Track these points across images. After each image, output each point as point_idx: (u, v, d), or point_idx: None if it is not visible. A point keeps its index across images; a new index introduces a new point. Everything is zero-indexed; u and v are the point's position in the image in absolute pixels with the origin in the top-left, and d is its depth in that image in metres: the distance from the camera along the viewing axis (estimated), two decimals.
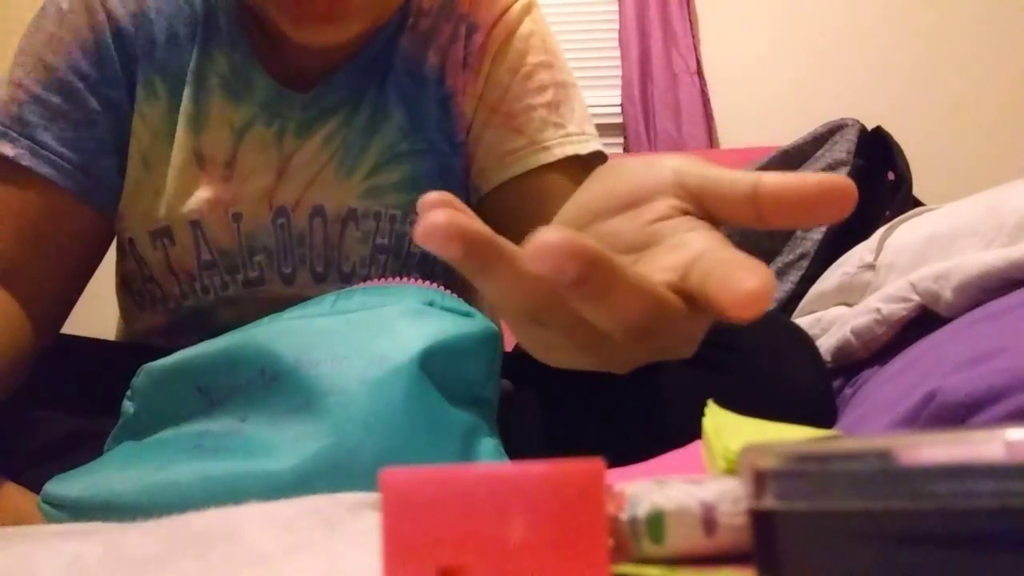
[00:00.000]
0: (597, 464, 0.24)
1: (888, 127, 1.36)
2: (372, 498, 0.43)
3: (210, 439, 0.56)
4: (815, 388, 0.66)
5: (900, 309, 0.81)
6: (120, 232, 0.79)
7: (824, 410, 0.66)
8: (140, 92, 0.76)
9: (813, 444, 0.24)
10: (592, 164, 0.80)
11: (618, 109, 2.59)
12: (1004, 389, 0.53)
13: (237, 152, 0.76)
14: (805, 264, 1.23)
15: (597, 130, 0.81)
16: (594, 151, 0.79)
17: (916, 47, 2.56)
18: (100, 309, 0.99)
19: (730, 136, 2.52)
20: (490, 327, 0.60)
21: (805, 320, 1.01)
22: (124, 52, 0.76)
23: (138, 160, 0.76)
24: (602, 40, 2.65)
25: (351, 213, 0.77)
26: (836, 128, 1.34)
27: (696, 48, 2.55)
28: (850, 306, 0.93)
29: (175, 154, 0.75)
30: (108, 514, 0.53)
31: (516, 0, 0.81)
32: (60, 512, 0.57)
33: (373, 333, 0.57)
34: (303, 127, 0.77)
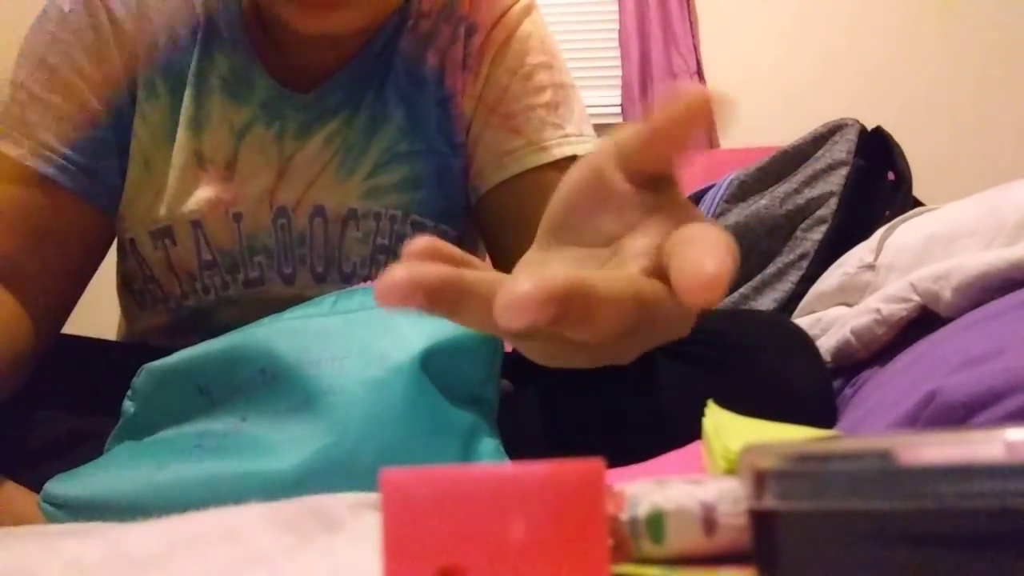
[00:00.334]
0: (597, 464, 0.24)
1: (888, 127, 1.36)
2: (372, 498, 0.43)
3: (210, 439, 0.56)
4: (815, 388, 0.66)
5: (900, 309, 0.81)
6: (121, 232, 0.79)
7: (824, 410, 0.66)
8: (141, 93, 0.76)
9: (813, 444, 0.24)
10: None
11: (618, 109, 2.59)
12: (1004, 389, 0.53)
13: (238, 152, 0.76)
14: (805, 264, 1.23)
15: (597, 130, 0.81)
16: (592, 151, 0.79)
17: (916, 47, 2.56)
18: (100, 309, 0.99)
19: (730, 136, 2.52)
20: None
21: (805, 320, 1.00)
22: (125, 53, 0.76)
23: (139, 160, 0.76)
24: (602, 40, 2.65)
25: (351, 213, 0.77)
26: (836, 128, 1.34)
27: (696, 48, 2.55)
28: (850, 306, 0.93)
29: (176, 154, 0.75)
30: (108, 514, 0.53)
31: (516, 1, 0.81)
32: (60, 512, 0.57)
33: (373, 333, 0.57)
34: (303, 128, 0.77)
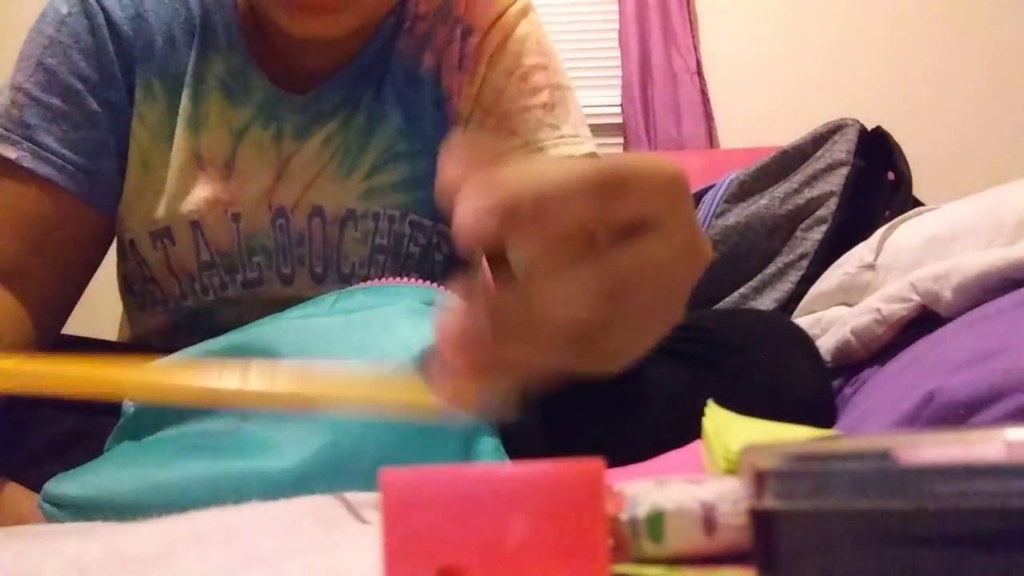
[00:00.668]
0: (597, 464, 0.24)
1: (888, 127, 1.36)
2: (372, 498, 0.43)
3: (210, 438, 0.56)
4: (815, 388, 0.66)
5: (900, 309, 0.81)
6: (121, 233, 0.79)
7: (824, 410, 0.66)
8: (138, 94, 0.76)
9: (813, 444, 0.24)
10: None
11: (618, 109, 2.58)
12: (1004, 389, 0.53)
13: (236, 153, 0.76)
14: (805, 264, 1.23)
15: (597, 130, 0.82)
16: (588, 152, 0.79)
17: (916, 47, 2.56)
18: (100, 309, 0.99)
19: (730, 136, 2.52)
20: None
21: (805, 320, 1.01)
22: (123, 54, 0.76)
23: (137, 161, 0.76)
24: (602, 40, 2.65)
25: (350, 214, 0.77)
26: (836, 128, 1.34)
27: (696, 48, 2.55)
28: (850, 306, 0.93)
29: (175, 155, 0.76)
30: (108, 514, 0.53)
31: (512, 3, 0.81)
32: (60, 512, 0.57)
33: (374, 332, 0.57)
34: (301, 129, 0.77)
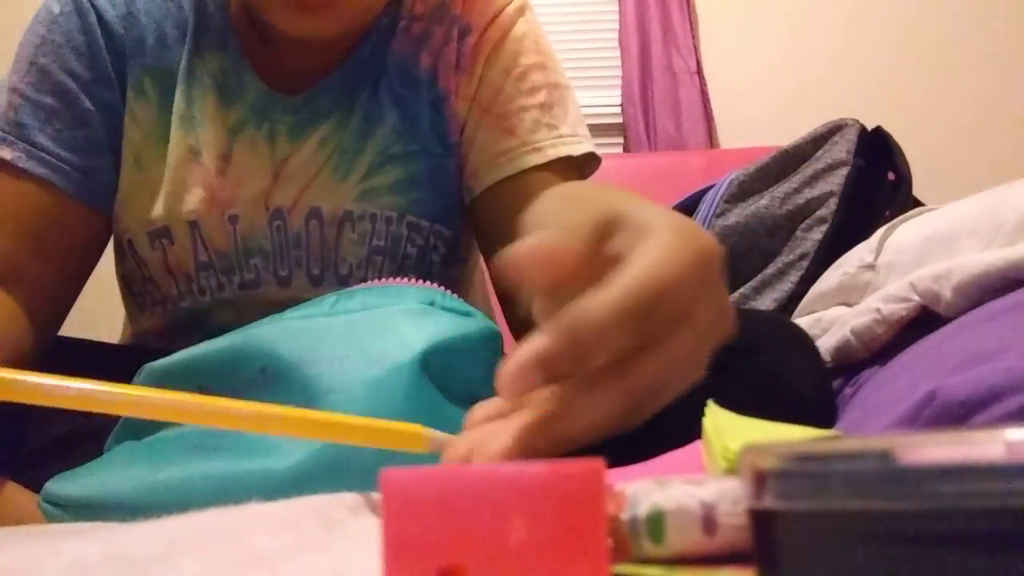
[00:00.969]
0: (597, 464, 0.24)
1: (888, 127, 1.36)
2: (372, 498, 0.43)
3: (210, 438, 0.56)
4: (815, 388, 0.66)
5: (900, 309, 0.81)
6: (119, 234, 0.79)
7: (824, 410, 0.66)
8: (130, 92, 0.76)
9: (813, 444, 0.24)
10: (584, 165, 0.80)
11: (618, 109, 2.58)
12: (1004, 389, 0.53)
13: (232, 152, 0.76)
14: (805, 264, 1.23)
15: (597, 130, 0.82)
16: (587, 152, 0.79)
17: (916, 47, 2.56)
18: (100, 310, 0.99)
19: (730, 136, 2.52)
20: (490, 327, 0.60)
21: (805, 320, 1.00)
22: (115, 52, 0.76)
23: (131, 159, 0.77)
24: (602, 40, 2.65)
25: (347, 215, 0.77)
26: (836, 128, 1.34)
27: (696, 48, 2.55)
28: (850, 306, 0.93)
29: (171, 153, 0.76)
30: (108, 514, 0.53)
31: (509, 2, 0.81)
32: (60, 512, 0.57)
33: (374, 333, 0.57)
34: (295, 130, 0.77)
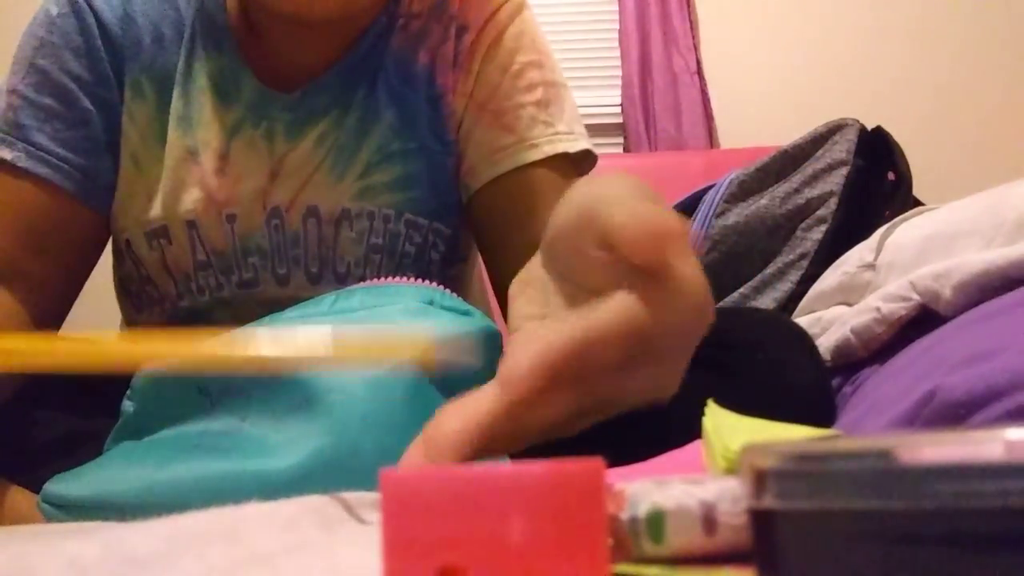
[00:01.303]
0: (597, 464, 0.24)
1: (888, 127, 1.36)
2: (372, 498, 0.43)
3: (210, 439, 0.56)
4: (815, 387, 0.66)
5: (900, 308, 0.81)
6: (116, 234, 0.79)
7: (824, 409, 0.66)
8: (128, 92, 0.77)
9: (813, 444, 0.24)
10: (581, 162, 0.80)
11: (618, 109, 2.58)
12: (1004, 388, 0.53)
13: (229, 152, 0.76)
14: (805, 264, 1.23)
15: (597, 130, 0.82)
16: (583, 150, 0.79)
17: (917, 47, 2.56)
18: (100, 309, 0.99)
19: (730, 136, 2.51)
20: (489, 326, 0.60)
21: (805, 320, 1.01)
22: (112, 53, 0.77)
23: (129, 160, 0.77)
24: (602, 40, 2.65)
25: (345, 214, 0.77)
26: (836, 128, 1.34)
27: (696, 48, 2.55)
28: (850, 305, 0.93)
29: (168, 153, 0.76)
30: (108, 514, 0.53)
31: (506, 0, 0.81)
32: (60, 512, 0.57)
33: None
34: (292, 128, 0.77)
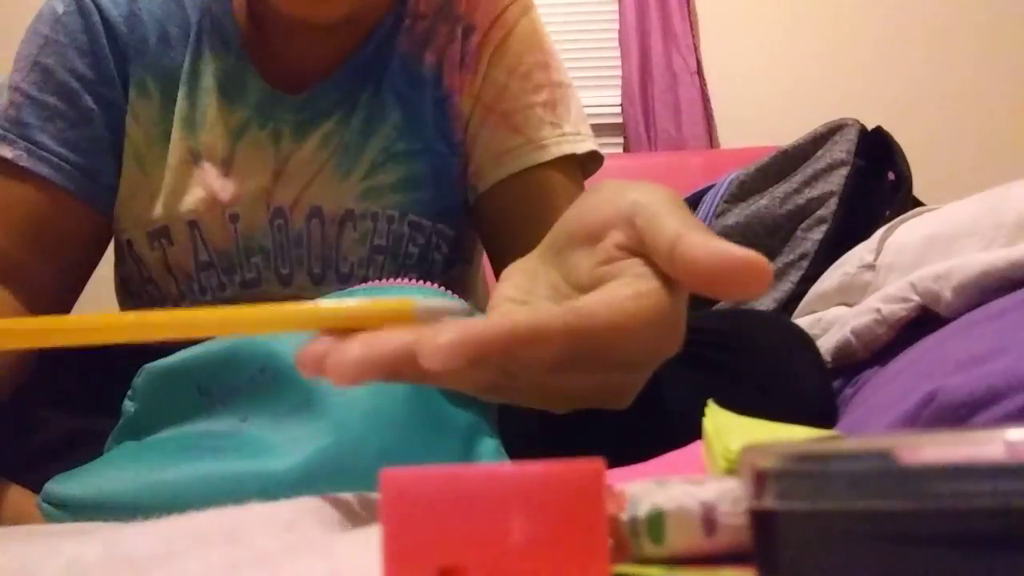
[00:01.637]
0: (597, 464, 0.24)
1: (888, 127, 1.36)
2: (372, 498, 0.43)
3: (210, 439, 0.56)
4: (815, 388, 0.66)
5: (900, 309, 0.81)
6: (118, 234, 0.79)
7: (824, 410, 0.66)
8: (132, 92, 0.76)
9: (813, 444, 0.24)
10: (587, 164, 0.80)
11: (618, 109, 2.58)
12: (1004, 389, 0.53)
13: (234, 153, 0.76)
14: (805, 264, 1.23)
15: (597, 130, 0.82)
16: (590, 151, 0.79)
17: (916, 47, 2.56)
18: (100, 310, 0.99)
19: (730, 136, 2.51)
20: None
21: (805, 320, 1.00)
22: (117, 52, 0.76)
23: (132, 160, 0.77)
24: (602, 40, 2.65)
25: (349, 214, 0.77)
26: (836, 128, 1.34)
27: (696, 48, 2.55)
28: (850, 306, 0.93)
29: (172, 154, 0.76)
30: (108, 514, 0.53)
31: (513, 1, 0.81)
32: (60, 512, 0.57)
33: None
34: (298, 129, 0.77)
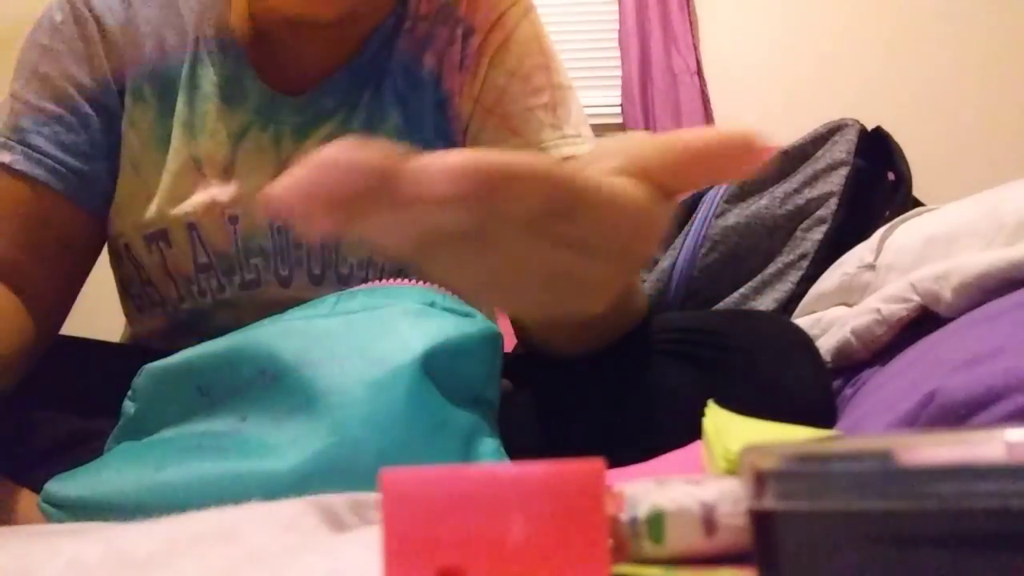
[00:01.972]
0: (597, 464, 0.24)
1: (888, 127, 1.36)
2: (372, 498, 0.43)
3: (210, 439, 0.56)
4: (815, 388, 0.66)
5: (900, 309, 0.81)
6: (114, 239, 0.79)
7: (824, 410, 0.66)
8: (129, 98, 0.77)
9: (813, 444, 0.24)
10: None
11: (618, 109, 2.58)
12: (1004, 389, 0.53)
13: (235, 157, 0.77)
14: (805, 264, 1.23)
15: (597, 130, 0.82)
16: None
17: (916, 47, 2.56)
18: (101, 310, 0.99)
19: None
20: (491, 327, 0.60)
21: (805, 320, 1.00)
22: (114, 59, 0.77)
23: (128, 165, 0.77)
24: (602, 40, 2.65)
25: None
26: (836, 128, 1.34)
27: (696, 48, 2.55)
28: (850, 306, 0.93)
29: (171, 158, 0.76)
30: (108, 514, 0.53)
31: (514, 3, 0.81)
32: (60, 512, 0.57)
33: (374, 334, 0.57)
34: (299, 131, 0.77)
